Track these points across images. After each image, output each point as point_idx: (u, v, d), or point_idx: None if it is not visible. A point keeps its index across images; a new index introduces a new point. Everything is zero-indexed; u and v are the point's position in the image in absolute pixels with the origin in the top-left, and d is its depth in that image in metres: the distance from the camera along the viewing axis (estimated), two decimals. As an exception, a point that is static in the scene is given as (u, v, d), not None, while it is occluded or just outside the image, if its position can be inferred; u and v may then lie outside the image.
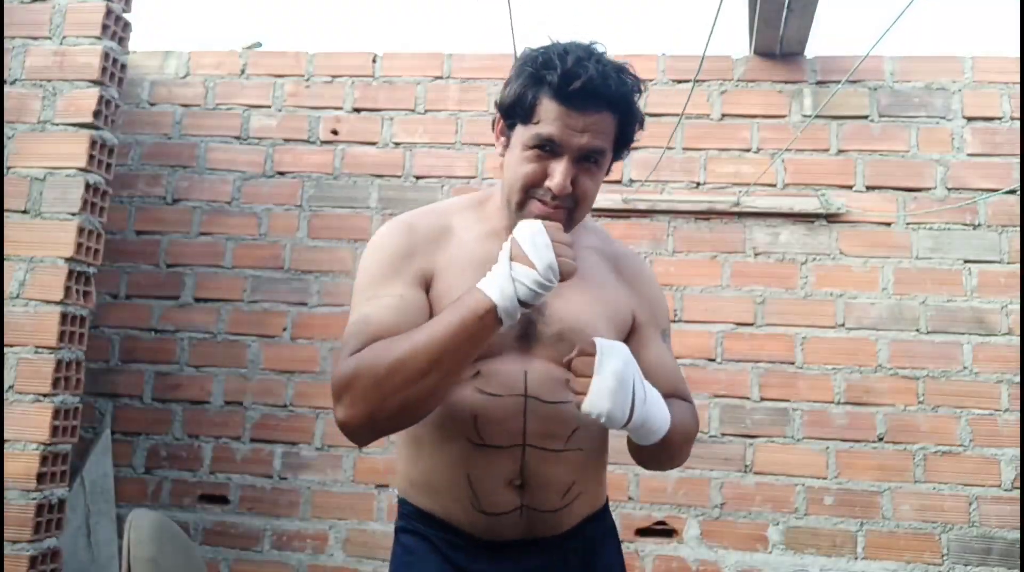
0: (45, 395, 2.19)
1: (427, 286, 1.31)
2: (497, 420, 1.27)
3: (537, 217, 1.23)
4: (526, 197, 1.27)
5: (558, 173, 1.23)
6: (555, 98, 1.24)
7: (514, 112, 1.30)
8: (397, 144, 2.92)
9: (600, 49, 1.28)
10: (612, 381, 1.14)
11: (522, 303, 1.14)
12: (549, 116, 1.24)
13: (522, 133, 1.27)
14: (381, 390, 1.15)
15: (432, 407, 1.21)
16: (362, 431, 1.20)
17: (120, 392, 2.87)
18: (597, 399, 1.14)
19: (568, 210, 1.27)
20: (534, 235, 1.15)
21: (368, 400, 1.16)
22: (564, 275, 1.14)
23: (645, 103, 2.82)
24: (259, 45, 3.07)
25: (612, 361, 1.15)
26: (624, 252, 1.48)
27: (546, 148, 1.25)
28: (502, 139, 1.35)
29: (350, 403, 1.17)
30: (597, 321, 1.33)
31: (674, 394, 1.35)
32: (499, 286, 1.13)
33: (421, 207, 1.45)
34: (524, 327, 1.30)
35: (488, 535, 1.30)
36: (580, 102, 1.23)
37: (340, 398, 1.18)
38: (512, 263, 1.14)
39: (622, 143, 1.31)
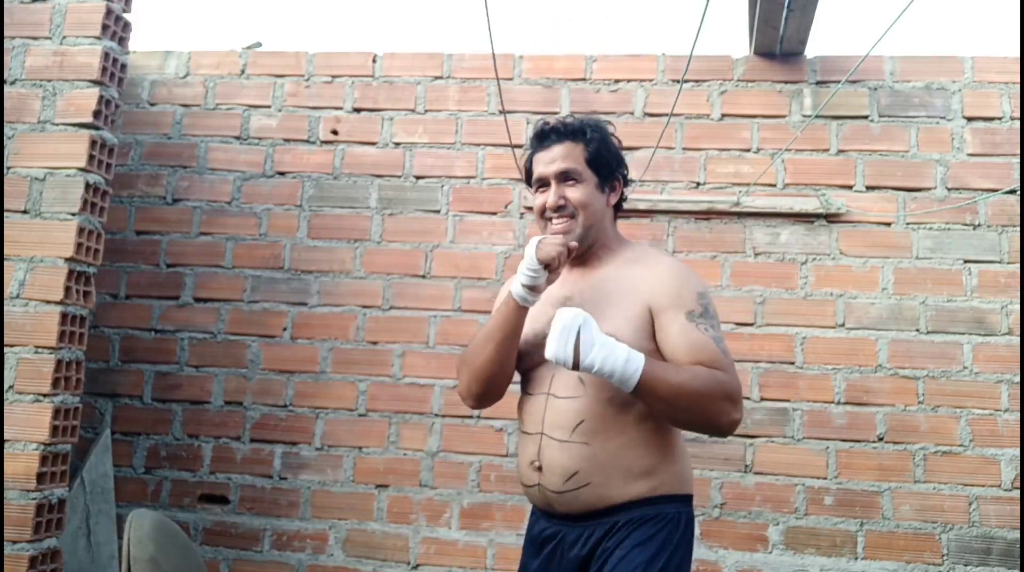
0: (45, 395, 2.19)
1: None
2: (530, 412, 1.69)
3: (553, 232, 1.69)
4: (544, 222, 1.74)
5: (549, 196, 1.71)
6: (536, 149, 1.76)
7: (528, 175, 1.79)
8: (397, 144, 2.92)
9: (602, 124, 1.77)
10: (556, 332, 1.49)
11: (525, 287, 1.61)
12: (536, 163, 1.76)
13: (532, 184, 1.78)
14: (467, 364, 1.72)
15: (501, 371, 1.68)
16: (468, 395, 1.74)
17: (120, 392, 2.87)
18: (549, 345, 1.50)
19: (571, 217, 1.70)
20: (529, 245, 1.62)
21: (463, 374, 1.74)
22: (540, 261, 1.58)
23: (645, 103, 2.84)
24: (259, 45, 3.07)
25: (559, 318, 1.50)
26: (646, 256, 1.75)
27: (539, 186, 1.74)
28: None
29: (459, 380, 1.77)
30: (620, 327, 1.59)
31: (697, 364, 1.54)
32: (515, 279, 1.64)
33: None
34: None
35: (530, 499, 1.72)
36: (544, 143, 1.74)
37: (458, 376, 1.77)
38: (520, 264, 1.63)
39: (595, 159, 1.71)
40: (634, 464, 1.60)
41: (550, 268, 1.59)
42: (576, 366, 1.48)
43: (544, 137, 1.74)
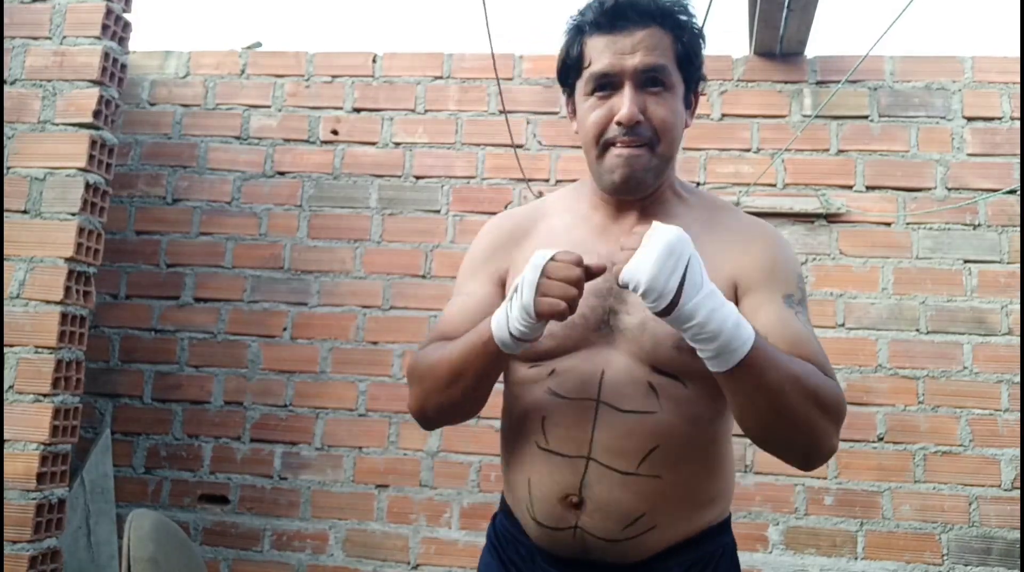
0: (45, 395, 2.19)
1: (502, 285, 1.28)
2: (565, 425, 1.17)
3: (618, 158, 1.17)
4: (602, 147, 1.19)
5: (624, 103, 1.15)
6: (597, 31, 1.19)
7: (568, 71, 1.24)
8: (397, 144, 2.92)
9: None
10: (658, 251, 0.99)
11: (516, 338, 1.08)
12: (596, 51, 1.18)
13: (581, 87, 1.22)
14: (422, 388, 1.22)
15: (469, 410, 1.23)
16: (419, 420, 1.27)
17: (120, 392, 2.87)
18: (636, 266, 1.00)
19: (649, 145, 1.17)
20: (531, 268, 1.05)
21: (414, 396, 1.24)
22: (540, 316, 1.04)
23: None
24: (259, 45, 3.07)
25: (664, 234, 1.01)
26: (729, 216, 1.30)
27: (604, 87, 1.18)
28: (572, 119, 1.28)
29: (409, 394, 1.26)
30: None
31: (796, 356, 1.11)
32: (498, 318, 1.10)
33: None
34: (604, 314, 1.18)
35: (545, 545, 1.21)
36: (622, 23, 1.17)
37: (409, 387, 1.27)
38: (514, 295, 1.07)
39: (687, 60, 1.22)
40: (702, 493, 1.22)
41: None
42: (671, 309, 1.00)
43: (619, 13, 1.17)
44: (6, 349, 2.21)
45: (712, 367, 1.04)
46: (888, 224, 2.69)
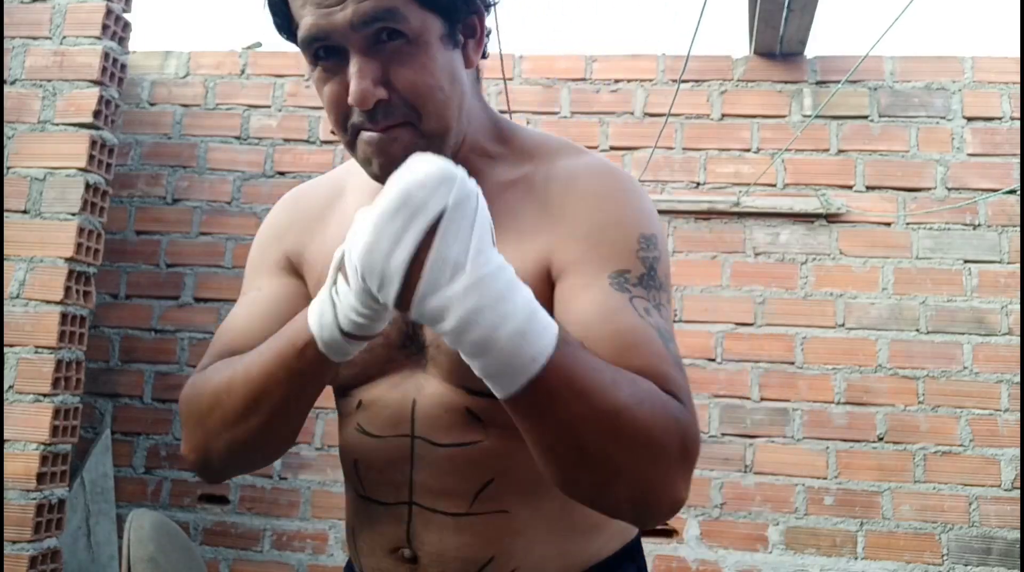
0: (45, 395, 2.19)
1: (297, 269, 1.00)
2: (378, 468, 0.94)
3: (369, 145, 0.85)
4: (351, 133, 0.87)
5: (351, 79, 0.81)
6: None
7: (283, 32, 0.89)
8: (397, 144, 2.92)
9: None
10: (382, 208, 0.65)
11: (349, 335, 0.75)
12: (297, 6, 0.83)
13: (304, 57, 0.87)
14: (204, 427, 0.88)
15: (275, 449, 0.92)
16: (201, 469, 0.92)
17: (120, 392, 2.87)
18: (353, 236, 0.68)
19: (410, 124, 0.84)
20: (355, 234, 0.68)
21: (195, 437, 0.90)
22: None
23: (645, 103, 2.83)
24: (259, 45, 3.07)
25: (399, 180, 0.66)
26: (559, 167, 0.93)
27: (321, 55, 0.84)
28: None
29: (184, 436, 0.92)
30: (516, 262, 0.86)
31: (625, 367, 0.76)
32: (319, 310, 0.76)
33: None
34: (407, 328, 0.91)
35: None
36: None
37: (183, 428, 0.92)
38: (339, 276, 0.74)
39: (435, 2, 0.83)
40: (577, 521, 0.94)
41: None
42: (406, 300, 0.65)
43: None
44: (6, 349, 2.21)
45: (493, 390, 0.70)
46: (888, 224, 2.69)
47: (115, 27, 2.39)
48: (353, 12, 0.79)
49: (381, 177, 0.86)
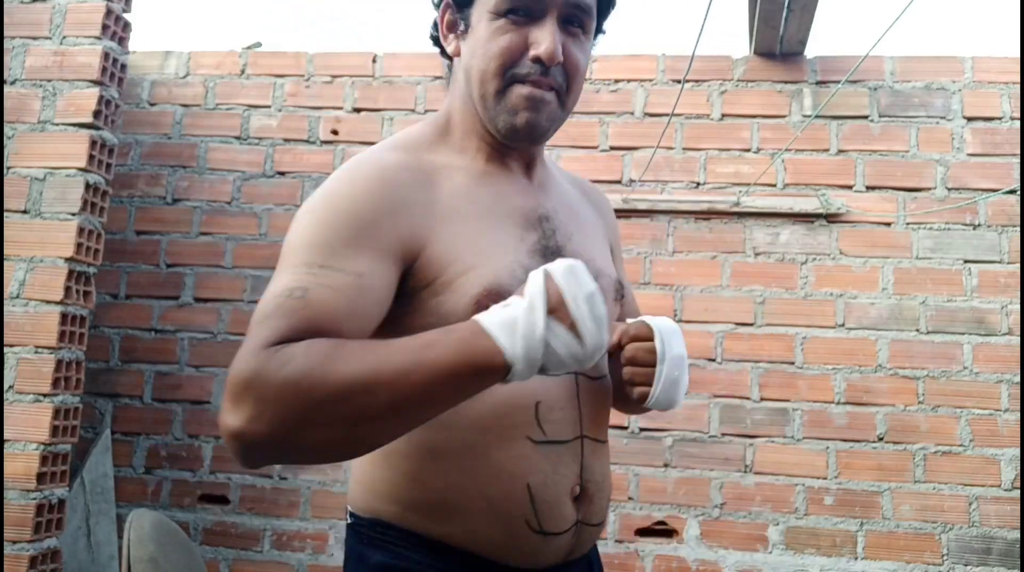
0: (45, 395, 2.19)
1: (412, 257, 0.95)
2: (560, 405, 0.99)
3: (526, 99, 0.98)
4: (506, 82, 0.98)
5: (545, 37, 0.96)
6: None
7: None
8: (397, 144, 2.92)
9: None
10: (678, 370, 0.98)
11: (542, 371, 0.84)
12: None
13: (487, 3, 0.99)
14: (305, 412, 0.78)
15: (362, 452, 0.88)
16: (261, 454, 0.84)
17: (120, 392, 2.87)
18: (665, 391, 0.98)
19: (558, 91, 1.00)
20: (590, 296, 0.82)
21: (281, 416, 0.79)
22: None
23: (645, 103, 2.83)
24: (259, 45, 3.07)
25: (674, 346, 0.98)
26: (579, 178, 1.28)
27: (521, 11, 0.97)
28: (451, 34, 1.06)
29: (256, 414, 0.80)
30: (610, 268, 1.12)
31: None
32: (524, 344, 0.80)
33: (378, 145, 1.07)
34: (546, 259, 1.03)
35: (526, 563, 0.98)
36: None
37: (240, 400, 0.82)
38: (549, 319, 0.81)
39: (607, 8, 1.08)
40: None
41: None
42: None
43: None
44: (6, 349, 2.21)
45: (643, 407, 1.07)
46: (888, 224, 2.69)
47: (115, 27, 2.39)
48: None
49: (520, 128, 1.00)
